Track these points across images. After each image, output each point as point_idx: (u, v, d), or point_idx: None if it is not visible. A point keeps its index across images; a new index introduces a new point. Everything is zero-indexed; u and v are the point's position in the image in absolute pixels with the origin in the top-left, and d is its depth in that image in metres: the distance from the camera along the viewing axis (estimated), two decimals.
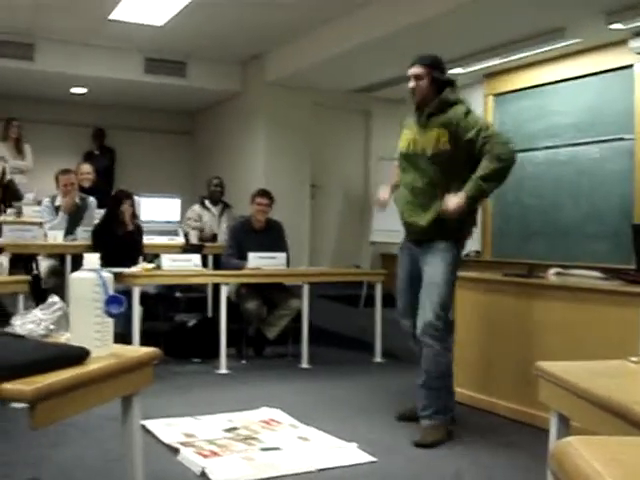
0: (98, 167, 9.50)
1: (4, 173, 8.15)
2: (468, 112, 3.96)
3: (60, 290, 6.10)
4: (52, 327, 2.07)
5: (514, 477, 3.39)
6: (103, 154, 10.44)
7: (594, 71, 7.09)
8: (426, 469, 3.49)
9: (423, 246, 4.05)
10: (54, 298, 2.15)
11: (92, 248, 5.98)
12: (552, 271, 4.67)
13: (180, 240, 7.38)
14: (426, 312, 3.93)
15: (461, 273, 4.92)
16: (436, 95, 3.99)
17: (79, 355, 1.86)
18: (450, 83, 4.06)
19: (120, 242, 6.25)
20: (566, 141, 7.41)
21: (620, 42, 6.64)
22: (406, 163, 4.12)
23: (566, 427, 2.08)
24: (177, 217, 7.62)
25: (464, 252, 4.30)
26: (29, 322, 2.06)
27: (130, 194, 6.62)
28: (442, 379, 3.97)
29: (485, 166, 3.82)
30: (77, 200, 7.00)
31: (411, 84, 4.03)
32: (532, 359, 2.36)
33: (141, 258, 6.63)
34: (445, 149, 3.91)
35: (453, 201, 3.84)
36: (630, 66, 6.74)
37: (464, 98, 4.14)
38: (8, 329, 2.06)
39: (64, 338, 2.02)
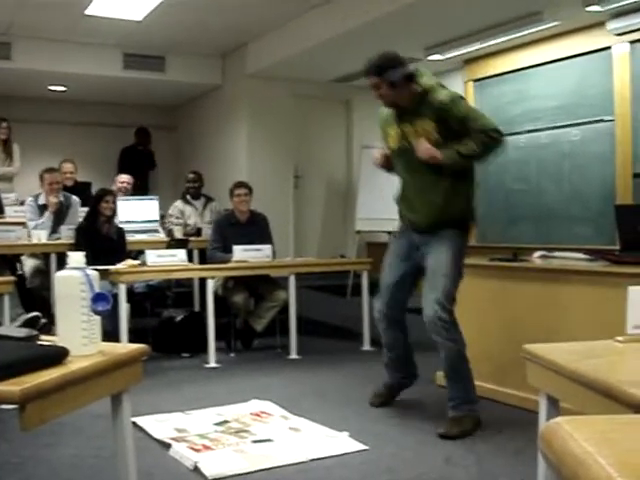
0: (136, 166, 9.56)
1: None
2: (453, 99, 3.84)
3: (45, 290, 6.08)
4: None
5: (505, 461, 3.40)
6: (144, 155, 10.43)
7: (573, 54, 7.11)
8: (417, 456, 3.50)
9: (426, 235, 3.97)
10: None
11: (75, 246, 5.96)
12: (537, 254, 4.70)
13: (162, 236, 7.36)
14: (431, 305, 3.83)
15: None
16: (404, 91, 3.89)
17: (58, 354, 1.85)
18: (411, 76, 3.92)
19: (102, 238, 6.24)
20: (547, 124, 7.43)
21: (598, 24, 6.65)
22: (399, 159, 4.06)
23: (555, 408, 2.09)
24: (156, 216, 7.57)
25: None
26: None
27: (111, 191, 6.62)
28: (459, 370, 3.91)
29: (469, 145, 3.74)
30: (61, 198, 6.96)
31: (374, 94, 3.97)
32: (519, 342, 2.37)
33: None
34: (434, 140, 3.81)
35: (426, 146, 3.77)
36: (608, 48, 6.76)
37: (439, 81, 4.03)
38: None
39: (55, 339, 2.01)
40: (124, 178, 8.08)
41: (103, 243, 6.15)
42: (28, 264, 6.65)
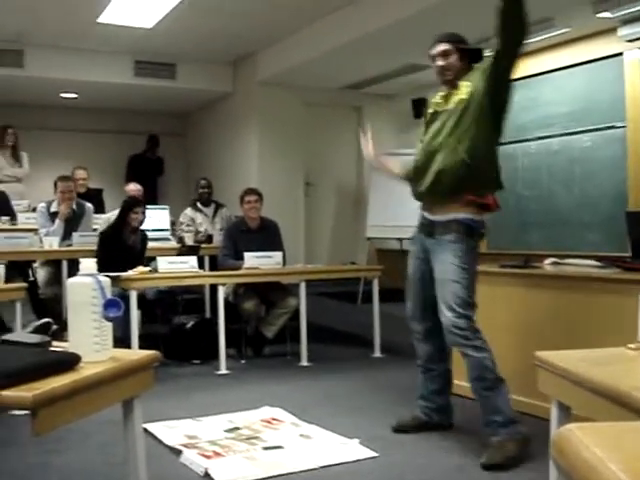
0: (145, 174, 9.66)
1: None
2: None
3: (58, 303, 6.05)
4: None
5: (518, 468, 3.39)
6: (153, 162, 10.53)
7: (584, 60, 7.09)
8: (429, 463, 3.50)
9: (434, 238, 3.72)
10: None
11: (97, 251, 5.95)
12: (548, 261, 4.68)
13: (173, 244, 7.37)
14: (444, 314, 3.60)
15: None
16: (464, 71, 3.79)
17: (70, 361, 1.86)
18: (478, 53, 3.85)
19: (126, 248, 6.20)
20: (558, 131, 7.41)
21: (610, 30, 6.63)
22: (430, 123, 3.85)
23: (566, 416, 2.08)
24: (167, 225, 7.62)
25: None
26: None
27: (141, 201, 6.53)
28: (485, 381, 3.61)
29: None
30: (74, 207, 6.97)
31: (439, 62, 3.77)
32: (531, 349, 2.37)
33: None
34: (463, 100, 3.68)
35: None
36: (620, 54, 6.74)
37: None
38: (5, 336, 2.06)
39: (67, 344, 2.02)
40: (133, 188, 7.92)
41: (126, 252, 6.10)
42: (41, 273, 6.66)
